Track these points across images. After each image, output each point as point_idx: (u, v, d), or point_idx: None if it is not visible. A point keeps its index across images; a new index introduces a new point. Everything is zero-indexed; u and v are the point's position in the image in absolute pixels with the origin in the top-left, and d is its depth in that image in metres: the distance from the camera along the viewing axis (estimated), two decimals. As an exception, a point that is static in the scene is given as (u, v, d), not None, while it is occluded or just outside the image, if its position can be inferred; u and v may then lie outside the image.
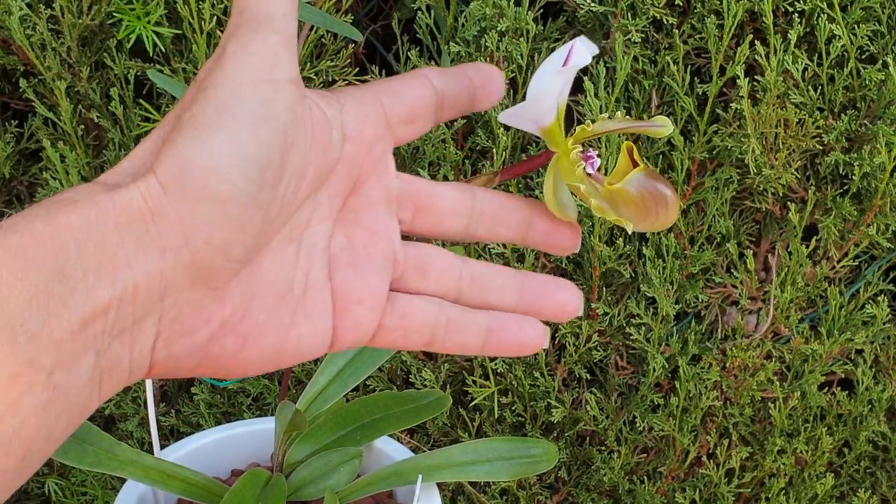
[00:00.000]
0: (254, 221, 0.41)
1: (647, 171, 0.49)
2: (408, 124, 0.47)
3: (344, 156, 0.45)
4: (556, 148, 0.49)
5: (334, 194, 0.46)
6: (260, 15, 0.43)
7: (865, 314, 1.02)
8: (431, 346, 0.48)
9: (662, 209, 0.49)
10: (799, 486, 1.05)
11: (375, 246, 0.47)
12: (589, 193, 0.48)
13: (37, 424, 0.37)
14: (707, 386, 1.01)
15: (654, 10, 0.95)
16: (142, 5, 0.92)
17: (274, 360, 0.45)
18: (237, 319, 0.43)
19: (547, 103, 0.48)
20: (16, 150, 1.05)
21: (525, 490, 1.06)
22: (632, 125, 0.52)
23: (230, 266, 0.42)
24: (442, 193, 0.49)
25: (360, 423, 0.79)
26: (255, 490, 0.73)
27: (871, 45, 0.97)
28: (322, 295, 0.45)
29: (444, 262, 0.48)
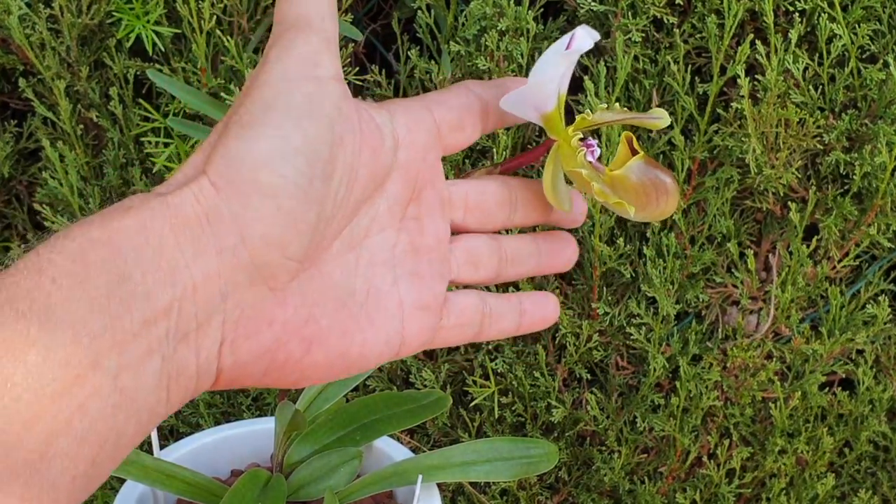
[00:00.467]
0: (307, 217, 0.42)
1: (646, 160, 0.50)
2: (457, 131, 0.48)
3: (399, 163, 0.46)
4: (557, 136, 0.50)
5: (394, 202, 0.47)
6: (299, 20, 0.44)
7: (866, 314, 1.02)
8: (479, 336, 0.50)
9: (663, 197, 0.50)
10: (800, 487, 1.05)
11: (437, 252, 0.48)
12: (591, 178, 0.48)
13: (105, 428, 0.37)
14: (708, 386, 1.01)
15: (654, 10, 0.95)
16: (141, 5, 0.92)
17: (339, 366, 0.45)
18: (300, 322, 0.43)
19: (549, 88, 0.48)
20: (15, 150, 1.05)
21: (525, 490, 1.06)
22: (630, 116, 0.53)
23: (288, 265, 0.42)
24: (487, 191, 0.50)
25: (360, 423, 0.79)
26: (255, 490, 0.73)
27: (872, 45, 0.96)
28: (386, 303, 0.46)
29: (487, 247, 0.50)
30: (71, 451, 0.37)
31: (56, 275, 0.37)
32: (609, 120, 0.51)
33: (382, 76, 1.01)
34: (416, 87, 1.02)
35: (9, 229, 1.09)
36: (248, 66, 0.95)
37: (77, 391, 0.36)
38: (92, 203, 1.00)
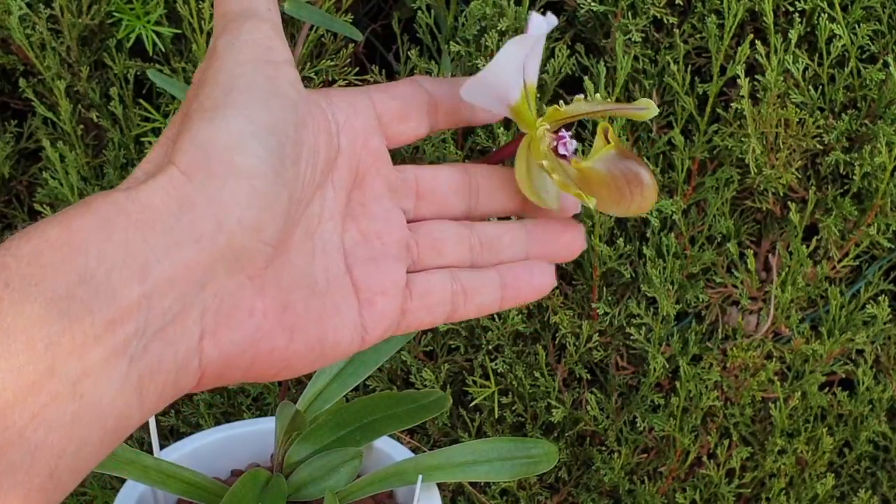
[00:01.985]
0: (281, 199, 0.41)
1: (619, 150, 0.48)
2: (400, 122, 0.48)
3: (341, 148, 0.46)
4: (527, 129, 0.48)
5: (339, 189, 0.46)
6: (244, 10, 0.44)
7: (866, 314, 1.02)
8: (454, 316, 0.48)
9: (637, 190, 0.47)
10: (799, 487, 1.05)
11: (389, 236, 0.47)
12: (552, 169, 0.47)
13: (63, 439, 0.36)
14: (707, 386, 1.01)
15: (654, 10, 0.95)
16: (141, 5, 0.92)
17: (318, 352, 0.44)
18: (280, 310, 0.42)
19: (508, 73, 0.46)
20: (15, 150, 1.05)
21: (525, 490, 1.06)
22: (612, 107, 0.50)
23: (265, 250, 0.41)
24: (439, 176, 0.49)
25: (360, 423, 0.79)
26: (255, 490, 0.73)
27: (872, 45, 0.96)
28: (344, 290, 0.45)
29: (454, 234, 0.49)
30: (24, 464, 0.35)
31: (9, 278, 0.35)
32: (587, 111, 0.49)
33: (382, 76, 1.01)
34: (416, 88, 1.02)
35: (9, 229, 1.09)
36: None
37: (31, 400, 0.35)
38: (92, 203, 1.00)
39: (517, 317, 1.00)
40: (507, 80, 0.46)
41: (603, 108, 0.49)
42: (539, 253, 0.50)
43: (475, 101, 0.48)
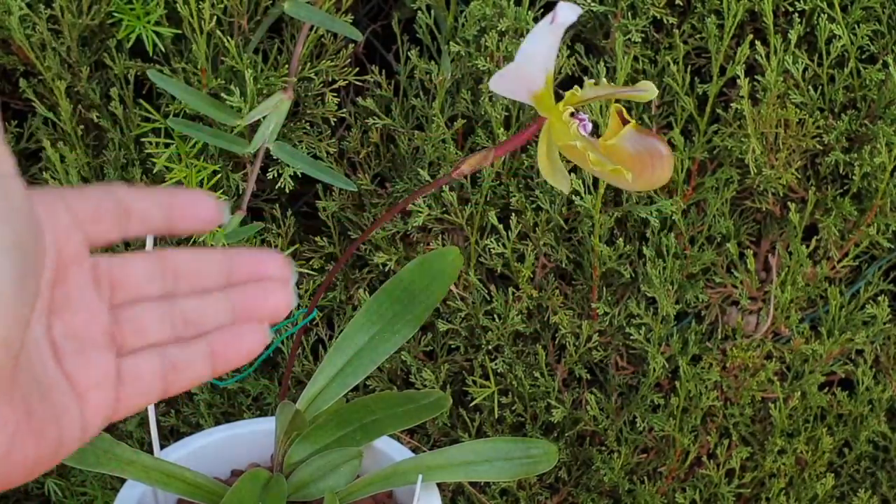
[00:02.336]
0: (25, 312, 0.41)
1: (637, 128, 0.51)
2: (95, 223, 0.48)
3: (47, 247, 0.46)
4: (548, 113, 0.50)
5: (45, 286, 0.46)
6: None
7: (866, 314, 1.02)
8: (169, 392, 0.49)
9: (658, 162, 0.51)
10: (799, 487, 1.05)
11: (95, 327, 0.47)
12: (586, 148, 0.49)
13: None
14: (707, 386, 1.01)
15: (654, 10, 0.95)
16: (141, 5, 0.92)
17: (55, 452, 0.45)
18: (26, 416, 0.43)
19: (536, 64, 0.48)
20: (16, 150, 1.05)
21: (525, 490, 1.06)
22: (619, 90, 0.54)
23: (11, 362, 0.41)
24: (131, 265, 0.50)
25: (360, 423, 0.79)
26: (256, 490, 0.73)
27: (872, 45, 0.97)
28: (63, 387, 0.46)
29: (156, 314, 0.49)
30: None
31: None
32: (599, 95, 0.52)
33: (382, 77, 1.02)
34: (416, 88, 1.02)
35: (9, 229, 1.09)
36: (249, 66, 0.95)
37: None
38: (92, 203, 1.00)
39: (517, 317, 1.00)
40: (537, 68, 0.48)
41: (611, 91, 0.53)
42: (246, 318, 0.50)
43: (500, 92, 0.50)
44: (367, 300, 0.78)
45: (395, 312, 0.77)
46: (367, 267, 1.06)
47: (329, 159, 1.02)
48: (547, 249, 1.01)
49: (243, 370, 1.06)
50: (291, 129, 1.01)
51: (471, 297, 1.02)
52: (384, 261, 1.02)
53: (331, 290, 1.06)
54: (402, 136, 1.02)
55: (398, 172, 1.03)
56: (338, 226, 1.04)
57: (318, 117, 1.02)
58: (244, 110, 0.92)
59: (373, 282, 1.06)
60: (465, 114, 1.00)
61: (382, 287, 0.78)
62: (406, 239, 1.03)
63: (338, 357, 0.78)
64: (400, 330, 0.77)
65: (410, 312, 0.77)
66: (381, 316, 0.77)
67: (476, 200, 0.99)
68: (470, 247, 1.01)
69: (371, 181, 1.03)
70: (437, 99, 0.99)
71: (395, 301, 0.77)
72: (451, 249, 0.77)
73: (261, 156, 0.82)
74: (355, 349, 0.77)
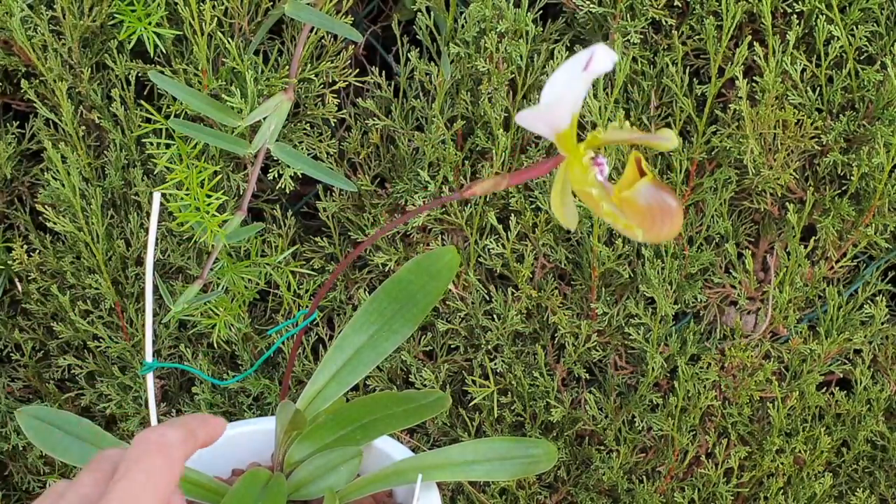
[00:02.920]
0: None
1: (654, 181, 0.50)
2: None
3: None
4: (568, 153, 0.50)
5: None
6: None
7: (864, 314, 1.02)
8: None
9: (668, 219, 0.50)
10: (797, 486, 1.06)
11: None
12: (601, 198, 0.49)
13: None
14: (706, 386, 1.01)
15: (652, 12, 0.95)
16: (143, 6, 0.93)
17: None
18: None
19: (565, 108, 0.48)
20: (17, 151, 1.06)
21: (524, 489, 1.06)
22: (641, 136, 0.53)
23: None
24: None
25: (360, 422, 0.79)
26: (256, 490, 0.73)
27: (870, 46, 0.97)
28: None
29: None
30: None
31: None
32: (620, 139, 0.52)
33: (382, 78, 1.02)
34: (415, 89, 1.02)
35: (11, 230, 1.09)
36: (249, 67, 0.96)
37: None
38: (94, 204, 1.01)
39: (516, 317, 1.01)
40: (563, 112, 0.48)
41: (633, 136, 0.52)
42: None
43: (525, 126, 0.50)
44: (366, 300, 0.78)
45: (394, 312, 0.77)
46: (367, 267, 1.06)
47: (329, 160, 1.02)
48: (546, 250, 1.02)
49: (244, 370, 1.07)
50: (292, 130, 1.01)
51: (470, 297, 1.02)
52: (384, 261, 1.02)
53: (331, 290, 1.06)
54: (401, 137, 1.02)
55: (398, 173, 1.03)
56: (338, 226, 1.05)
57: (319, 118, 1.02)
58: (245, 111, 0.93)
59: (373, 282, 1.06)
60: (464, 115, 1.00)
61: (381, 287, 0.78)
62: (406, 239, 1.04)
63: (337, 356, 0.78)
64: (399, 329, 0.77)
65: (409, 312, 0.77)
66: (380, 315, 0.78)
67: (475, 201, 1.00)
68: (469, 247, 1.01)
69: (371, 182, 1.03)
70: (436, 100, 0.99)
71: (393, 301, 0.77)
72: (448, 249, 0.78)
73: (261, 156, 0.83)
74: (354, 348, 0.78)
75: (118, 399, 1.08)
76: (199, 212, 0.83)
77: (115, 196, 1.04)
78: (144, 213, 1.03)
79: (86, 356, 1.09)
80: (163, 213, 1.00)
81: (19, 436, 1.09)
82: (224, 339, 1.06)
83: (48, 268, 1.07)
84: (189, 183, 0.83)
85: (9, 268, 1.07)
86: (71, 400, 1.11)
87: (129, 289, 1.05)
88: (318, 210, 1.05)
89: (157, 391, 1.09)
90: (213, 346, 1.08)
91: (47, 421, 0.74)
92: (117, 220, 1.04)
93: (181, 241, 1.04)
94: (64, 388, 1.12)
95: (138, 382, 1.07)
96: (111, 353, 1.07)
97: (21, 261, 1.05)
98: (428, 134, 0.99)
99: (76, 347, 1.10)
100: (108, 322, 1.06)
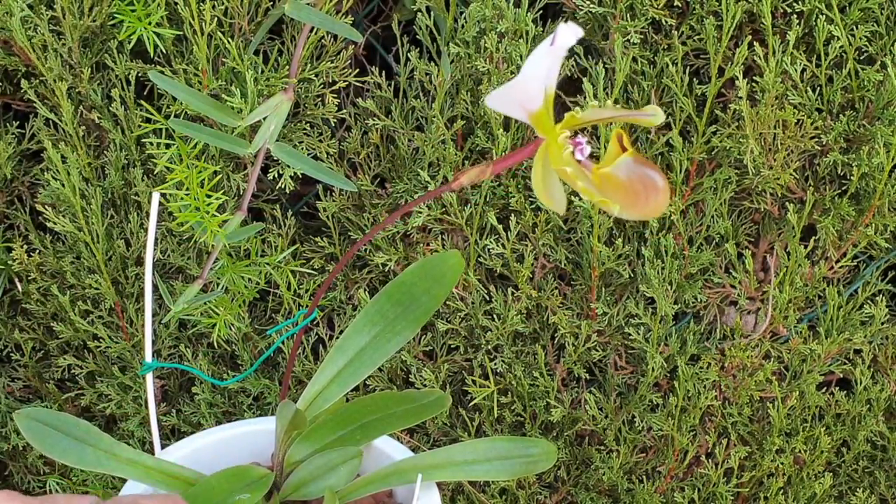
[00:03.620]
0: None
1: (635, 157, 0.50)
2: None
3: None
4: (546, 134, 0.50)
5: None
6: None
7: (864, 314, 1.02)
8: None
9: (653, 194, 0.50)
10: (797, 486, 1.06)
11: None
12: (576, 176, 0.48)
13: None
14: (706, 386, 1.01)
15: (652, 12, 0.95)
16: (143, 6, 0.93)
17: None
18: None
19: (534, 85, 0.48)
20: (17, 151, 1.06)
21: (524, 489, 1.06)
22: (622, 113, 0.53)
23: None
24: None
25: (360, 422, 0.79)
26: (238, 484, 0.73)
27: (870, 46, 0.97)
28: None
29: None
30: None
31: None
32: (600, 117, 0.51)
33: (382, 78, 1.02)
34: (415, 89, 1.02)
35: (11, 230, 1.09)
36: (249, 67, 0.96)
37: None
38: (94, 204, 1.01)
39: (516, 317, 1.01)
40: (533, 89, 0.48)
41: (614, 113, 0.52)
42: None
43: (498, 109, 0.50)
44: (369, 302, 0.78)
45: (397, 314, 0.77)
46: (367, 267, 1.06)
47: (329, 160, 1.02)
48: (546, 250, 1.02)
49: (244, 370, 1.07)
50: (292, 130, 1.01)
51: (470, 297, 1.02)
52: (384, 261, 1.02)
53: (331, 290, 1.06)
54: (401, 137, 1.02)
55: (398, 173, 1.03)
56: (338, 226, 1.05)
57: (319, 118, 1.02)
58: (245, 111, 0.93)
59: (373, 282, 1.06)
60: (464, 115, 1.00)
61: (384, 289, 0.78)
62: (406, 239, 1.04)
63: (339, 357, 0.78)
64: (401, 331, 0.77)
65: (411, 314, 0.77)
66: (382, 317, 0.78)
67: (475, 201, 1.00)
68: (469, 247, 1.01)
69: (371, 182, 1.03)
70: (436, 100, 0.99)
71: (396, 303, 0.77)
72: (453, 253, 0.77)
73: (261, 156, 0.83)
74: (356, 350, 0.78)
75: (118, 399, 1.08)
76: (199, 212, 0.83)
77: (115, 196, 1.04)
78: (144, 213, 1.03)
79: (86, 356, 1.09)
80: (163, 213, 1.00)
81: (19, 436, 1.09)
82: (224, 338, 1.06)
83: (48, 268, 1.07)
84: (189, 183, 0.83)
85: (9, 268, 1.07)
86: (71, 400, 1.11)
87: (129, 289, 1.05)
88: (318, 210, 1.05)
89: (157, 391, 1.10)
90: (213, 346, 1.08)
91: (45, 423, 0.74)
92: (117, 220, 1.04)
93: (181, 241, 1.04)
94: (64, 388, 1.12)
95: (138, 382, 1.07)
96: (111, 353, 1.07)
97: (21, 261, 1.05)
98: (428, 134, 0.99)
99: (76, 347, 1.10)
100: (108, 322, 1.06)
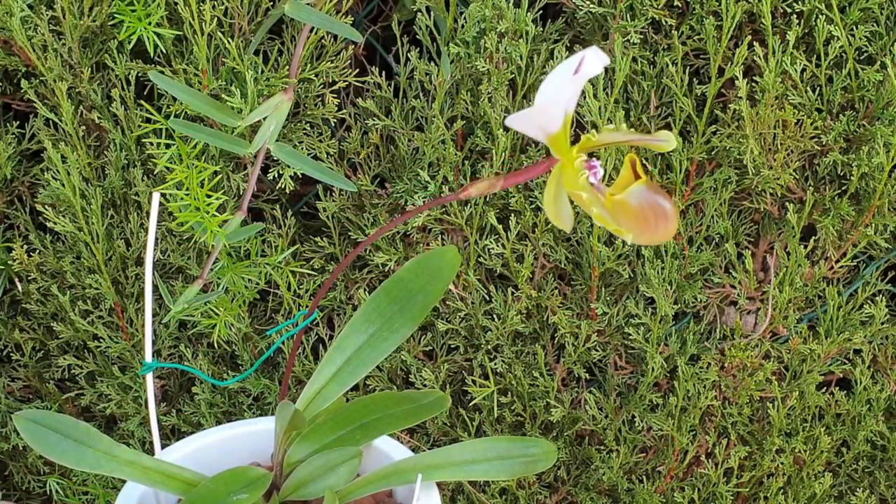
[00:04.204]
0: None
1: (648, 184, 0.50)
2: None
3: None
4: (561, 156, 0.50)
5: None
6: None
7: (863, 314, 1.02)
8: None
9: (661, 222, 0.50)
10: (797, 486, 1.06)
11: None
12: (591, 202, 0.49)
13: None
14: (706, 385, 1.01)
15: (652, 12, 0.95)
16: (143, 6, 0.93)
17: None
18: None
19: (555, 110, 0.48)
20: (17, 151, 1.06)
21: (524, 489, 1.06)
22: (636, 138, 0.53)
23: None
24: None
25: (359, 422, 0.79)
26: (236, 485, 0.73)
27: (870, 46, 0.97)
28: None
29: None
30: None
31: None
32: (615, 140, 0.52)
33: (382, 78, 1.02)
34: (415, 89, 1.02)
35: (11, 230, 1.09)
36: (249, 67, 0.96)
37: None
38: (94, 204, 1.01)
39: (516, 317, 1.01)
40: (554, 114, 0.48)
41: (629, 137, 0.52)
42: None
43: (516, 129, 0.50)
44: (366, 300, 0.78)
45: (394, 312, 0.77)
46: (367, 267, 1.06)
47: (329, 160, 1.02)
48: (546, 250, 1.02)
49: (244, 370, 1.07)
50: (292, 130, 1.01)
51: (470, 298, 1.02)
52: (384, 261, 1.02)
53: (331, 290, 1.06)
54: (401, 137, 1.02)
55: (398, 173, 1.03)
56: (338, 226, 1.05)
57: (319, 118, 1.02)
58: (245, 111, 0.93)
59: (373, 282, 1.06)
60: (464, 115, 1.00)
61: (381, 286, 0.78)
62: (406, 239, 1.04)
63: (337, 356, 0.78)
64: (399, 329, 0.77)
65: (409, 311, 0.77)
66: (379, 315, 0.78)
67: (475, 201, 1.00)
68: (469, 247, 1.01)
69: (371, 182, 1.03)
70: (436, 100, 0.99)
71: (393, 300, 0.77)
72: (448, 248, 0.78)
73: (261, 156, 0.83)
74: (354, 348, 0.78)
75: (118, 399, 1.08)
76: (199, 212, 0.83)
77: (115, 196, 1.04)
78: (144, 213, 1.03)
79: (86, 356, 1.09)
80: (163, 213, 1.00)
81: (19, 436, 1.09)
82: (224, 339, 1.06)
83: (48, 268, 1.07)
84: (189, 183, 0.83)
85: (9, 268, 1.07)
86: (71, 400, 1.11)
87: (129, 289, 1.05)
88: (318, 210, 1.05)
89: (157, 391, 1.10)
90: (213, 346, 1.08)
91: (44, 424, 0.74)
92: (117, 220, 1.04)
93: (181, 241, 1.04)
94: (64, 388, 1.12)
95: (138, 382, 1.07)
96: (111, 353, 1.07)
97: (21, 261, 1.05)
98: (428, 134, 0.99)
99: (76, 347, 1.11)
100: (108, 322, 1.06)
